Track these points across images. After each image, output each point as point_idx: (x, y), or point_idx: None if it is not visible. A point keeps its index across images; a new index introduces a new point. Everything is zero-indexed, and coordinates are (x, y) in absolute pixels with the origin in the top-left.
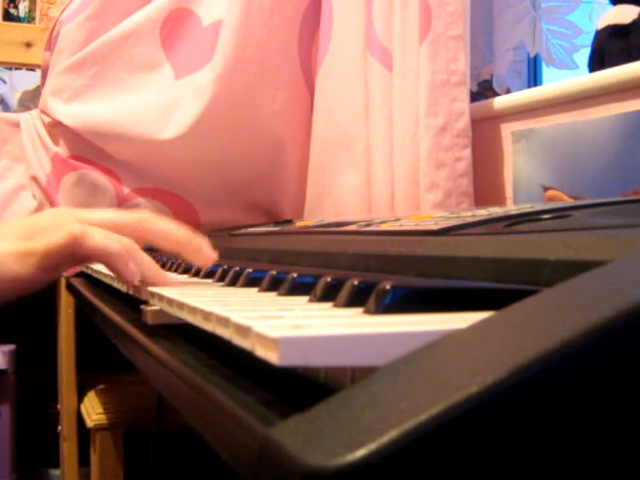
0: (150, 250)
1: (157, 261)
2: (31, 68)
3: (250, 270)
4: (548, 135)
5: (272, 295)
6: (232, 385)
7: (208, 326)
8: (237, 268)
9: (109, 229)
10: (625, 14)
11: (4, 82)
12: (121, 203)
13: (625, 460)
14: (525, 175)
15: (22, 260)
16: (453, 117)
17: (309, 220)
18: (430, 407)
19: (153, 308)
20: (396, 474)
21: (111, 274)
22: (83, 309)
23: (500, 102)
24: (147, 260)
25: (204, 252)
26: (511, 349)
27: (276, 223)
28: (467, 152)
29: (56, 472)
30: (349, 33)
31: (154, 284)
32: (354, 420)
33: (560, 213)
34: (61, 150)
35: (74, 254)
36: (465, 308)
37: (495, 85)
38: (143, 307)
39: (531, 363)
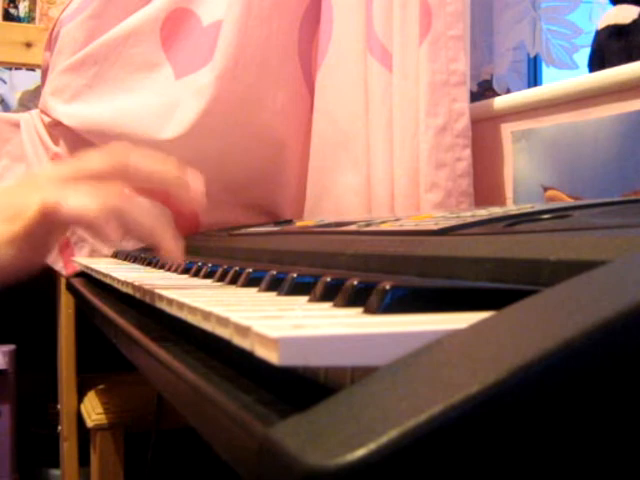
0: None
1: (156, 263)
2: (31, 68)
3: (250, 270)
4: (548, 135)
5: (272, 295)
6: (232, 385)
7: (208, 326)
8: (237, 268)
9: (90, 180)
10: (625, 14)
11: (4, 82)
12: None
13: (625, 460)
14: (525, 175)
15: (6, 247)
16: (453, 117)
17: (309, 220)
18: (430, 407)
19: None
20: (396, 474)
21: (111, 274)
22: (83, 309)
23: (500, 102)
24: (145, 218)
25: (192, 192)
26: (511, 349)
27: (276, 223)
28: (467, 152)
29: (56, 472)
30: (349, 33)
31: (155, 244)
32: (354, 420)
33: (560, 213)
34: (61, 150)
35: (53, 225)
36: (465, 308)
37: (495, 85)
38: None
39: (531, 363)
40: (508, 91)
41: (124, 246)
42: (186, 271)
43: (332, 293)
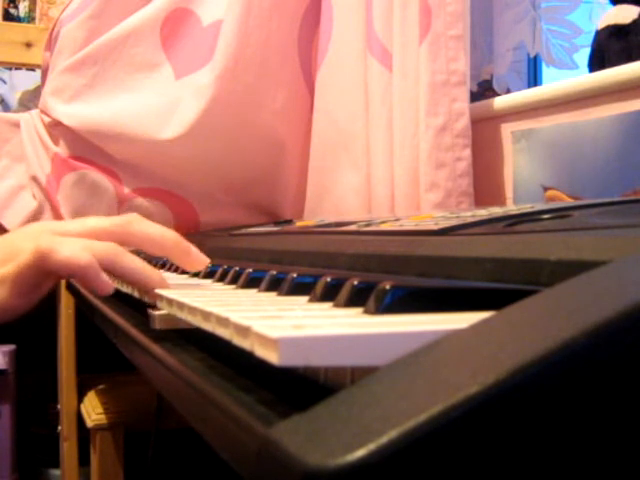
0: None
1: (155, 263)
2: (31, 68)
3: (250, 270)
4: (548, 135)
5: (272, 295)
6: (232, 385)
7: (208, 326)
8: (237, 268)
9: (88, 237)
10: (625, 14)
11: (4, 82)
12: (121, 203)
13: (625, 460)
14: (525, 175)
15: None
16: (453, 117)
17: (309, 220)
18: (430, 407)
19: (161, 312)
20: (396, 474)
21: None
22: (83, 309)
23: (500, 102)
24: (136, 263)
25: (193, 256)
26: (511, 349)
27: (276, 223)
28: (467, 152)
29: (56, 472)
30: (349, 33)
31: (146, 286)
32: (354, 420)
33: (560, 213)
34: (61, 150)
35: (45, 272)
36: (465, 308)
37: (495, 85)
38: (150, 311)
39: (531, 363)
40: (508, 91)
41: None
42: (186, 271)
43: (332, 293)
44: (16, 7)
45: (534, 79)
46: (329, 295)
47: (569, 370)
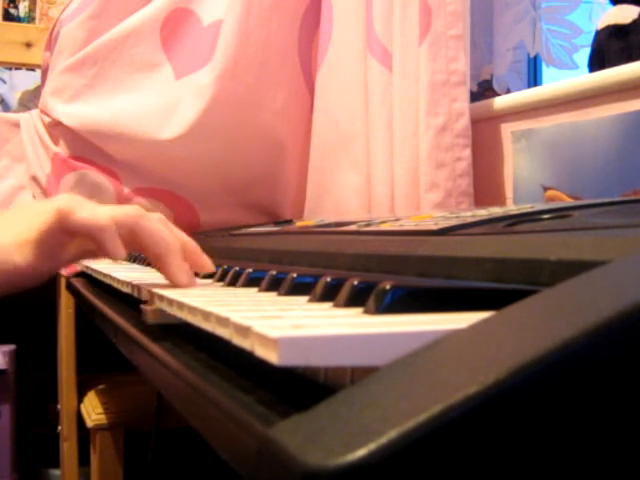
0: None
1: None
2: (31, 68)
3: (250, 270)
4: (548, 135)
5: (272, 295)
6: (232, 385)
7: (208, 326)
8: (237, 268)
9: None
10: (625, 14)
11: (4, 82)
12: (121, 203)
13: (625, 460)
14: (525, 175)
15: (19, 250)
16: (453, 117)
17: (309, 220)
18: (430, 407)
19: (153, 307)
20: (396, 474)
21: (111, 274)
22: (83, 309)
23: (500, 102)
24: (157, 225)
25: (204, 257)
26: (511, 349)
27: (276, 223)
28: (467, 152)
29: (56, 472)
30: (349, 33)
31: (166, 249)
32: (354, 420)
33: (560, 213)
34: (61, 150)
35: (64, 231)
36: (465, 308)
37: (495, 85)
38: (143, 306)
39: (531, 363)
40: (508, 91)
41: None
42: None
43: (332, 293)
44: (16, 7)
45: (534, 79)
46: (329, 295)
47: (569, 370)
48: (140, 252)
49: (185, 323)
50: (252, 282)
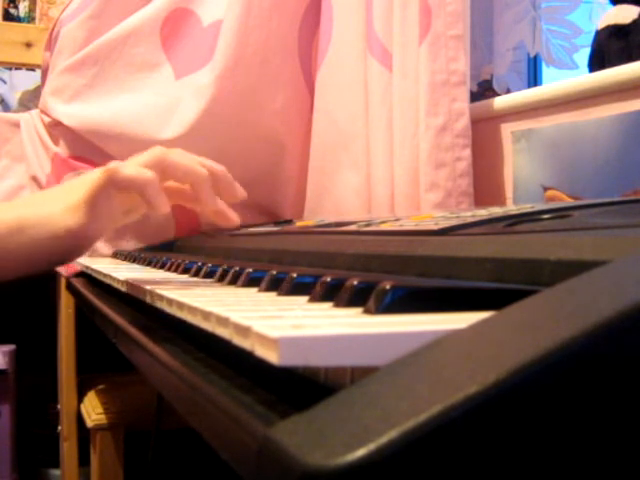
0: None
1: (155, 263)
2: (31, 68)
3: (250, 270)
4: (548, 135)
5: (272, 295)
6: (232, 385)
7: (208, 326)
8: (237, 268)
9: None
10: (625, 14)
11: (4, 82)
12: None
13: (625, 460)
14: (525, 175)
15: (71, 214)
16: (453, 117)
17: (309, 220)
18: (430, 407)
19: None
20: (396, 474)
21: (111, 274)
22: (83, 309)
23: (500, 102)
24: (184, 159)
25: (235, 185)
26: (511, 349)
27: (276, 223)
28: (467, 152)
29: (56, 472)
30: (349, 33)
31: (197, 179)
32: (354, 420)
33: (560, 213)
34: (61, 150)
35: (113, 187)
36: (465, 308)
37: (495, 85)
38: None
39: (531, 363)
40: (508, 91)
41: (124, 246)
42: (186, 271)
43: (332, 293)
44: (16, 7)
45: (534, 79)
46: (329, 295)
47: (569, 370)
48: (176, 196)
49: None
50: (252, 282)
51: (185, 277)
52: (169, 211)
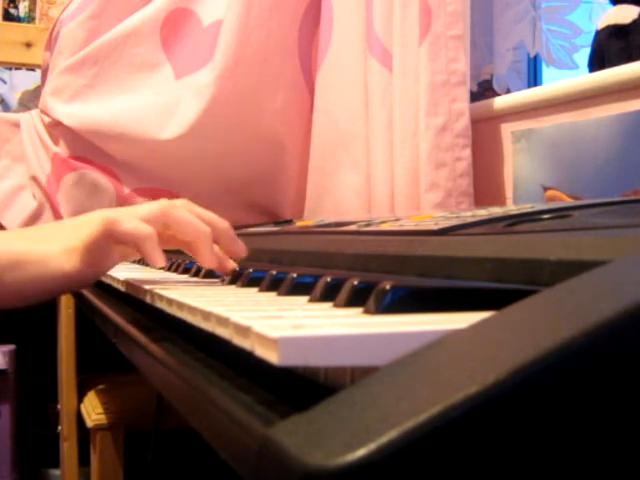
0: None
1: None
2: (31, 68)
3: (250, 270)
4: (548, 135)
5: (272, 295)
6: (232, 385)
7: (208, 326)
8: (237, 268)
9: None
10: (625, 14)
11: (4, 82)
12: (121, 203)
13: (625, 460)
14: (525, 175)
15: (67, 257)
16: (453, 117)
17: (309, 220)
18: (430, 407)
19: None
20: (396, 474)
21: (111, 274)
22: (83, 309)
23: (500, 102)
24: (188, 215)
25: (239, 242)
26: (511, 349)
27: (276, 223)
28: (467, 152)
29: (56, 472)
30: (349, 33)
31: (199, 239)
32: (354, 420)
33: (560, 213)
34: (61, 150)
35: (110, 239)
36: (465, 308)
37: (495, 85)
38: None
39: (531, 363)
40: (508, 91)
41: None
42: (186, 271)
43: (332, 293)
44: (16, 7)
45: (534, 79)
46: (329, 295)
47: (569, 370)
48: (175, 244)
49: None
50: (252, 282)
51: (185, 277)
52: (165, 264)
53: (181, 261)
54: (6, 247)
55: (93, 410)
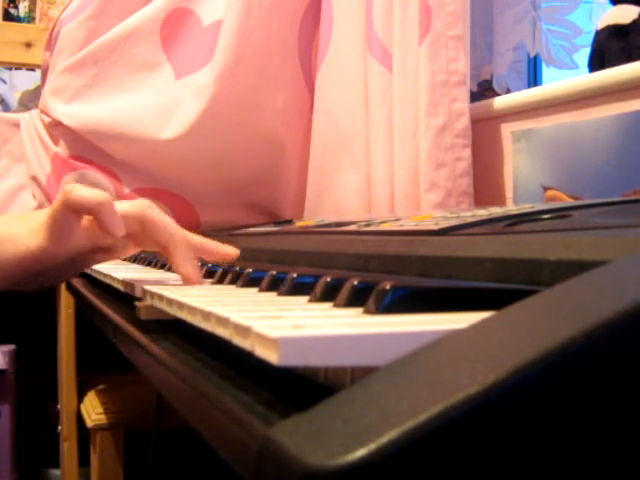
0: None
1: (155, 263)
2: (31, 68)
3: (250, 270)
4: (548, 135)
5: (272, 295)
6: (232, 385)
7: (208, 326)
8: (237, 268)
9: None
10: (625, 14)
11: (4, 82)
12: None
13: (625, 460)
14: (525, 175)
15: (33, 235)
16: (453, 117)
17: (309, 220)
18: (430, 407)
19: (146, 304)
20: (396, 474)
21: (111, 274)
22: (83, 309)
23: (500, 102)
24: (164, 217)
25: (222, 249)
26: (511, 349)
27: (276, 223)
28: (467, 152)
29: (56, 472)
30: (349, 33)
31: (172, 240)
32: (354, 420)
33: (560, 213)
34: (61, 150)
35: (69, 209)
36: (465, 308)
37: (495, 85)
38: (137, 303)
39: (531, 363)
40: (508, 91)
41: None
42: None
43: (332, 293)
44: (16, 7)
45: (534, 79)
46: (329, 295)
47: (569, 370)
48: (151, 245)
49: (178, 319)
50: (252, 282)
51: None
52: (123, 234)
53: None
54: None
55: (93, 410)
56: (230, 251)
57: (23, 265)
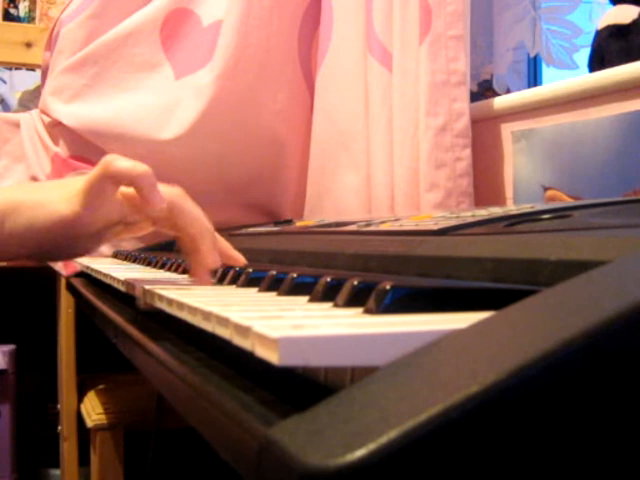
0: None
1: (155, 263)
2: (31, 68)
3: (250, 270)
4: (548, 135)
5: (272, 295)
6: (232, 385)
7: (208, 326)
8: (237, 268)
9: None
10: (625, 14)
11: (4, 82)
12: None
13: (624, 460)
14: (525, 175)
15: (66, 201)
16: (453, 117)
17: (309, 220)
18: (430, 407)
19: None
20: (395, 474)
21: (111, 274)
22: (83, 309)
23: (500, 102)
24: (197, 209)
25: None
26: (511, 349)
27: (276, 223)
28: (467, 152)
29: (56, 472)
30: (349, 33)
31: (200, 234)
32: (354, 420)
33: (560, 213)
34: (61, 150)
35: (108, 178)
36: (465, 308)
37: (495, 85)
38: (137, 294)
39: (531, 363)
40: (508, 91)
41: (124, 246)
42: (186, 271)
43: (332, 293)
44: (16, 7)
45: (534, 79)
46: (329, 295)
47: (569, 370)
48: (175, 233)
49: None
50: (252, 282)
51: (185, 277)
52: (164, 208)
53: (181, 261)
54: (7, 195)
55: (93, 410)
56: (239, 257)
57: (53, 230)
